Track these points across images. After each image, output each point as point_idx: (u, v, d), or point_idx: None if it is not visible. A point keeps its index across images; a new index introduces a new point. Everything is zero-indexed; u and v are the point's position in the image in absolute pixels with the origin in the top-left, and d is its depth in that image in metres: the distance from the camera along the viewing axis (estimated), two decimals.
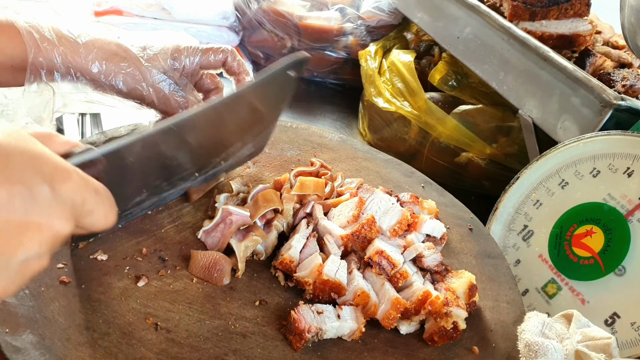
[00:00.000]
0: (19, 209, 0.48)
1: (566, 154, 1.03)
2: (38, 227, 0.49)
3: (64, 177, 0.51)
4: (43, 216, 0.49)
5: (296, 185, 0.87)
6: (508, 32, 1.27)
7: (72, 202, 0.52)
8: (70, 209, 0.52)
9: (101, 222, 0.57)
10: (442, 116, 1.46)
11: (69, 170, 0.52)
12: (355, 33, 1.87)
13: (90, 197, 0.54)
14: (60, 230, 0.51)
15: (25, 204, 0.48)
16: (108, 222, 0.58)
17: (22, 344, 0.62)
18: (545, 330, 0.77)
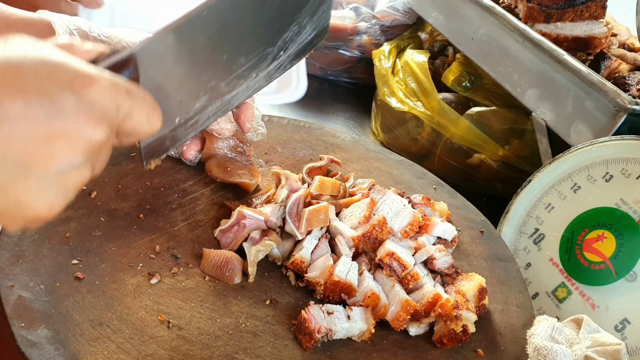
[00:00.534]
0: (40, 118, 0.46)
1: (579, 158, 1.03)
2: (66, 135, 0.47)
3: (86, 81, 0.49)
4: (69, 123, 0.47)
5: (315, 185, 0.88)
6: (523, 34, 1.27)
7: (101, 106, 0.49)
8: (100, 114, 0.49)
9: (144, 126, 0.54)
10: (455, 117, 1.46)
11: (92, 74, 0.49)
12: (370, 32, 1.87)
13: (123, 100, 0.51)
14: (92, 137, 0.49)
15: (46, 112, 0.46)
16: (153, 124, 0.55)
17: (37, 339, 0.64)
18: (554, 334, 0.77)
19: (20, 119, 0.45)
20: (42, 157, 0.46)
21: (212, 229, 0.85)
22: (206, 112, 0.73)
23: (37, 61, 0.47)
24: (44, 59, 0.47)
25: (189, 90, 0.68)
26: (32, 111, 0.45)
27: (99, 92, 0.49)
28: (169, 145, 0.70)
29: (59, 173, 0.48)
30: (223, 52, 0.69)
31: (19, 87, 0.45)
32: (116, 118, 0.51)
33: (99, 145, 0.50)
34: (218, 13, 0.64)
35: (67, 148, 0.47)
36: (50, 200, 0.48)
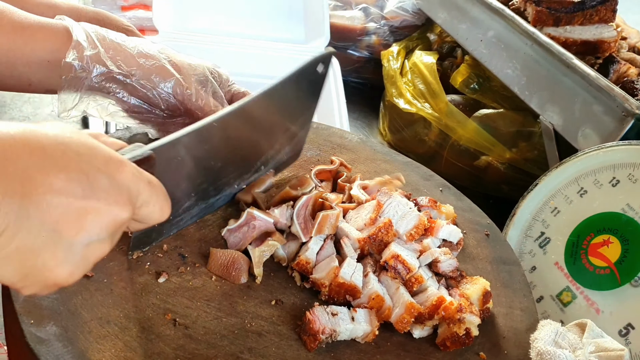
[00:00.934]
0: (77, 193, 0.50)
1: (586, 162, 1.03)
2: (97, 211, 0.52)
3: (118, 166, 0.54)
4: (102, 201, 0.52)
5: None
6: (531, 37, 1.27)
7: (128, 190, 0.54)
8: (126, 196, 0.54)
9: (157, 214, 0.59)
10: (463, 119, 1.46)
11: (122, 160, 0.55)
12: (379, 33, 1.88)
13: (144, 188, 0.56)
14: (119, 215, 0.54)
15: (83, 189, 0.51)
16: (163, 214, 0.60)
17: (46, 335, 0.65)
18: (558, 339, 0.77)
19: (62, 192, 0.50)
20: (74, 228, 0.51)
21: (219, 229, 0.86)
22: (192, 211, 0.81)
23: (79, 143, 0.52)
24: (85, 143, 0.53)
25: (185, 190, 0.78)
26: (72, 186, 0.50)
27: (127, 177, 0.54)
28: (153, 238, 0.78)
29: (84, 245, 0.52)
30: (218, 161, 0.81)
31: (64, 164, 0.50)
32: (136, 202, 0.56)
33: (122, 224, 0.55)
34: (224, 128, 0.77)
35: (96, 223, 0.52)
36: (72, 268, 0.53)
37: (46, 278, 0.52)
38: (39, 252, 0.50)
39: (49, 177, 0.49)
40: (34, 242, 0.49)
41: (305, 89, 0.89)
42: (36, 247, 0.50)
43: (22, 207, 0.48)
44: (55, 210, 0.49)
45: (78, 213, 0.51)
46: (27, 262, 0.50)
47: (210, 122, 0.74)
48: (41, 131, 0.51)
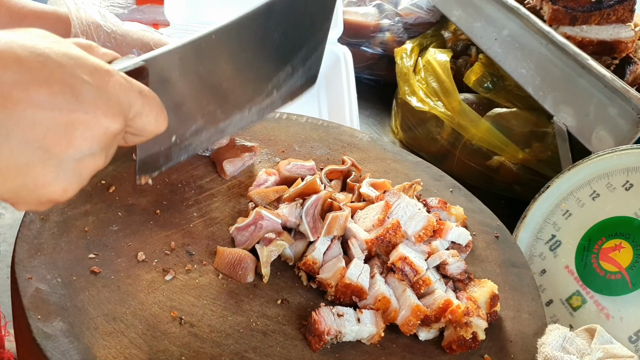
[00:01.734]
0: (62, 107, 0.48)
1: (599, 165, 1.02)
2: (85, 124, 0.50)
3: (104, 76, 0.52)
4: (89, 113, 0.50)
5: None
6: (547, 36, 1.26)
7: (118, 100, 0.52)
8: (116, 107, 0.52)
9: (152, 125, 0.57)
10: (476, 118, 1.45)
11: (110, 70, 0.53)
12: (392, 30, 1.87)
13: (136, 98, 0.54)
14: (109, 127, 0.52)
15: (68, 102, 0.49)
16: (159, 125, 0.58)
17: (53, 331, 0.65)
18: (566, 344, 0.77)
19: (44, 107, 0.47)
20: (62, 143, 0.49)
21: (227, 227, 0.86)
22: (200, 136, 0.77)
23: (61, 54, 0.49)
24: (67, 53, 0.50)
25: (188, 110, 0.72)
26: (56, 100, 0.48)
27: (116, 87, 0.52)
28: (162, 163, 0.74)
29: (75, 159, 0.50)
30: (223, 80, 0.75)
31: (45, 77, 0.48)
32: (128, 113, 0.54)
33: (113, 136, 0.53)
34: (223, 41, 0.72)
35: (85, 136, 0.50)
36: (65, 184, 0.51)
37: (39, 195, 0.50)
38: (27, 169, 0.48)
39: (28, 91, 0.47)
40: (18, 159, 0.48)
41: (315, 6, 0.84)
42: (23, 165, 0.48)
43: (4, 125, 0.46)
44: (39, 126, 0.48)
45: (65, 127, 0.49)
46: (16, 180, 0.49)
47: (208, 33, 0.69)
48: (18, 41, 0.48)
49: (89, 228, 0.79)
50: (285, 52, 0.84)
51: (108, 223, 0.81)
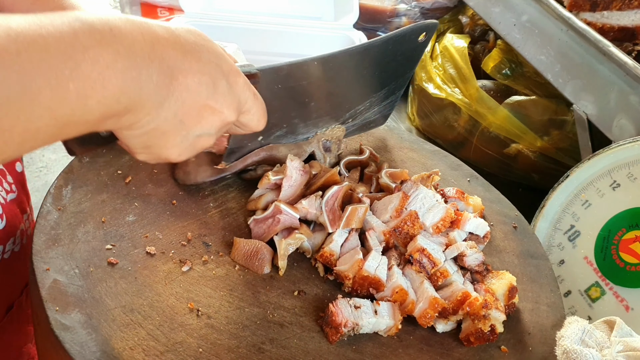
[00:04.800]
0: (203, 94, 0.60)
1: (620, 155, 1.00)
2: (214, 111, 0.62)
3: (236, 75, 0.64)
4: (219, 104, 0.62)
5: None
6: (567, 22, 1.23)
7: (239, 97, 0.65)
8: (236, 102, 0.64)
9: (254, 122, 0.70)
10: (494, 105, 1.43)
11: (239, 71, 0.65)
12: (409, 15, 1.85)
13: (250, 98, 0.67)
14: (228, 117, 0.64)
15: (208, 91, 0.60)
16: (260, 124, 0.71)
17: (71, 323, 0.65)
18: (585, 337, 0.76)
19: (193, 91, 0.59)
20: (194, 121, 0.61)
21: (243, 217, 0.86)
22: (279, 141, 0.90)
23: (210, 51, 0.61)
24: (215, 51, 0.62)
25: (278, 118, 0.86)
26: (202, 88, 0.60)
27: (241, 87, 0.65)
28: (244, 153, 0.88)
29: (197, 135, 0.63)
30: (312, 100, 0.88)
31: (199, 68, 0.59)
32: (241, 109, 0.66)
33: (228, 124, 0.66)
34: (321, 68, 0.85)
35: (211, 120, 0.62)
36: (182, 151, 0.64)
37: (161, 153, 0.63)
38: (166, 135, 0.60)
39: (187, 78, 0.58)
40: (165, 127, 0.59)
41: (403, 54, 0.93)
42: (165, 131, 0.60)
43: (166, 99, 0.57)
44: (185, 105, 0.59)
45: (200, 110, 0.61)
46: (154, 140, 0.60)
47: (312, 60, 0.82)
48: (183, 36, 0.59)
49: (105, 219, 0.79)
50: (369, 89, 0.95)
51: (125, 213, 0.81)
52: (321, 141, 0.94)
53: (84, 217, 0.78)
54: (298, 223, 0.81)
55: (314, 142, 0.94)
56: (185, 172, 0.87)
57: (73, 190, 0.82)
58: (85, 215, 0.79)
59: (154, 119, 0.58)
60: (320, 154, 0.94)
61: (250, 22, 1.70)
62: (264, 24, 1.70)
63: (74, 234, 0.76)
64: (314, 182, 0.86)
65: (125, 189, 0.84)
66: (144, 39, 0.55)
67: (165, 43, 0.57)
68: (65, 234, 0.75)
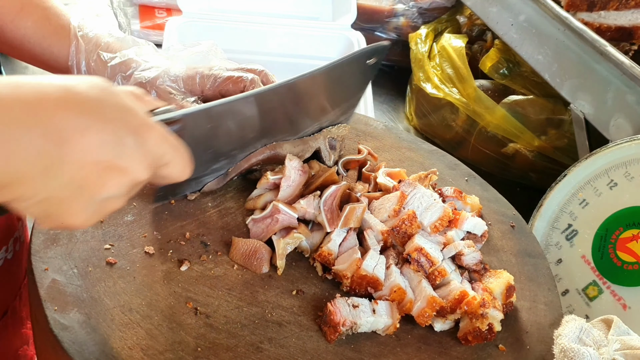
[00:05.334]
0: (108, 153, 0.54)
1: (617, 154, 1.01)
2: (121, 171, 0.55)
3: (148, 130, 0.58)
4: (127, 162, 0.56)
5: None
6: (564, 22, 1.24)
7: (153, 153, 0.58)
8: (150, 159, 0.58)
9: (177, 174, 0.63)
10: (491, 105, 1.44)
11: (152, 125, 0.59)
12: (407, 14, 1.85)
13: (168, 151, 0.60)
14: (139, 176, 0.57)
15: (113, 150, 0.54)
16: (183, 174, 0.64)
17: (70, 322, 0.65)
18: (582, 336, 0.76)
19: (94, 154, 0.53)
20: (98, 184, 0.55)
21: (241, 217, 0.86)
22: (218, 172, 0.86)
23: (117, 106, 0.56)
24: (122, 105, 0.56)
25: (213, 155, 0.82)
26: (104, 149, 0.53)
27: (154, 141, 0.58)
28: (178, 192, 0.84)
29: (103, 199, 0.56)
30: (251, 132, 0.84)
31: (101, 126, 0.53)
32: (158, 163, 0.60)
33: (140, 184, 0.59)
34: (261, 103, 0.80)
35: (118, 181, 0.56)
36: (87, 217, 0.57)
37: (64, 221, 0.56)
38: (64, 202, 0.54)
39: (84, 138, 0.52)
40: (61, 194, 0.53)
41: (352, 78, 0.90)
42: (62, 199, 0.54)
43: (55, 166, 0.51)
44: (84, 169, 0.53)
45: (104, 172, 0.54)
46: (51, 209, 0.54)
47: (248, 95, 0.78)
48: (83, 91, 0.54)
49: (103, 219, 0.79)
50: (317, 115, 0.91)
51: (123, 213, 0.81)
52: (327, 138, 0.94)
53: None
54: (296, 223, 0.82)
55: (320, 138, 0.93)
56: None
57: None
58: None
59: (41, 189, 0.52)
60: (325, 151, 0.94)
61: (248, 22, 1.70)
62: (262, 24, 1.71)
63: (72, 233, 0.76)
64: (313, 182, 0.87)
65: None
66: (25, 104, 0.50)
67: (55, 104, 0.51)
68: (64, 234, 0.75)
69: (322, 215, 0.82)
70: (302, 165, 0.87)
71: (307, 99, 0.87)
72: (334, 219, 0.82)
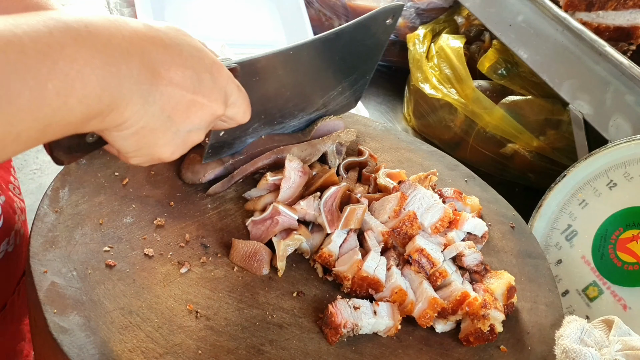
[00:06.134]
0: (189, 88, 0.59)
1: (616, 154, 1.00)
2: (202, 105, 0.61)
3: (219, 69, 0.63)
4: (206, 97, 0.61)
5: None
6: (562, 22, 1.24)
7: (224, 90, 0.64)
8: (223, 95, 0.64)
9: (240, 115, 0.69)
10: (490, 106, 1.44)
11: (222, 64, 0.64)
12: (405, 15, 1.85)
13: (235, 91, 0.66)
14: (216, 111, 0.63)
15: (194, 85, 0.59)
16: (245, 116, 0.70)
17: (69, 325, 0.65)
18: (584, 336, 0.76)
19: (179, 85, 0.58)
20: (183, 117, 0.60)
21: (241, 218, 0.85)
22: (257, 133, 0.90)
23: (192, 45, 0.60)
24: (196, 46, 0.61)
25: (258, 110, 0.83)
26: (186, 82, 0.59)
27: (225, 79, 0.64)
28: (225, 150, 0.87)
29: (187, 131, 0.62)
30: (288, 90, 0.88)
31: (182, 62, 0.58)
32: (227, 102, 0.65)
33: (217, 118, 0.65)
34: (297, 57, 0.84)
35: (200, 115, 0.61)
36: (174, 149, 0.63)
37: (154, 153, 0.61)
38: (155, 132, 0.59)
39: (170, 71, 0.57)
40: (154, 124, 0.58)
41: (371, 37, 0.93)
42: (155, 128, 0.58)
43: (150, 94, 0.56)
44: (172, 100, 0.58)
45: (188, 105, 0.60)
46: (145, 139, 0.59)
47: (286, 49, 0.82)
48: (163, 31, 0.58)
49: (103, 220, 0.79)
50: (341, 75, 0.96)
51: (122, 215, 0.80)
52: (336, 142, 0.94)
53: (82, 219, 0.78)
54: (297, 224, 0.81)
55: (328, 142, 0.93)
56: (194, 171, 0.87)
57: (70, 193, 0.81)
58: (83, 217, 0.78)
59: (141, 116, 0.56)
60: (332, 156, 0.94)
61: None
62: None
63: (71, 236, 0.75)
64: (313, 183, 0.86)
65: (122, 190, 0.84)
66: (122, 34, 0.54)
67: (144, 37, 0.56)
68: (63, 236, 0.75)
69: (323, 216, 0.81)
70: (302, 167, 0.87)
71: (334, 54, 0.90)
72: (334, 220, 0.81)
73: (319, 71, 0.91)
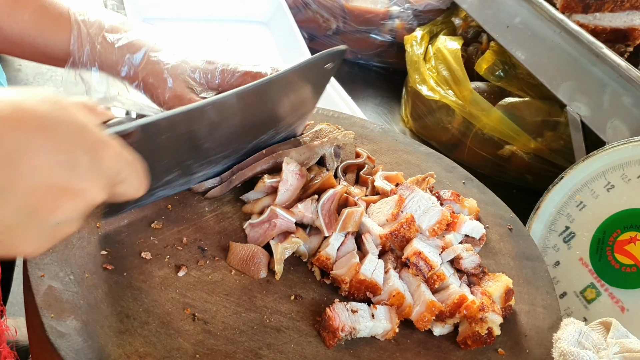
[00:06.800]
0: (61, 175, 0.50)
1: (614, 156, 1.01)
2: (76, 193, 0.51)
3: (103, 148, 0.54)
4: (82, 183, 0.52)
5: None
6: (560, 24, 1.24)
7: (109, 172, 0.54)
8: (105, 178, 0.54)
9: (132, 191, 0.59)
10: (487, 107, 1.44)
11: (107, 141, 0.55)
12: (402, 17, 1.85)
13: (124, 168, 0.56)
14: (95, 198, 0.53)
15: (67, 171, 0.50)
16: (138, 192, 0.60)
17: (66, 329, 0.65)
18: (581, 339, 0.76)
19: (46, 177, 0.49)
20: (50, 209, 0.50)
21: (239, 221, 0.85)
22: (171, 185, 0.82)
23: (69, 123, 0.51)
24: (75, 122, 0.52)
25: (167, 165, 0.78)
26: (57, 170, 0.50)
27: (110, 158, 0.54)
28: (128, 208, 0.80)
29: (56, 224, 0.52)
30: (206, 141, 0.80)
31: (53, 146, 0.49)
32: (113, 182, 0.56)
33: (95, 205, 0.54)
34: (218, 111, 0.77)
35: (71, 205, 0.51)
36: (39, 244, 0.53)
37: (13, 249, 0.52)
38: (13, 230, 0.50)
39: (36, 160, 0.48)
40: (10, 221, 0.49)
41: (310, 83, 0.88)
42: (11, 226, 0.50)
43: (7, 190, 0.48)
44: (35, 193, 0.49)
45: (57, 195, 0.50)
46: (0, 237, 0.50)
47: (204, 104, 0.74)
48: (32, 108, 0.50)
49: (100, 224, 0.78)
50: (272, 121, 0.88)
51: (119, 219, 0.80)
52: (334, 145, 0.93)
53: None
54: (294, 227, 0.81)
55: (327, 145, 0.92)
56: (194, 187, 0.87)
57: None
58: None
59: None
60: (330, 159, 0.93)
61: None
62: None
63: (68, 240, 0.75)
64: (310, 186, 0.86)
65: None
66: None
67: (2, 123, 0.48)
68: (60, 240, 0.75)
69: (320, 219, 0.81)
70: (299, 169, 0.87)
71: (264, 104, 0.85)
72: (331, 223, 0.81)
73: (246, 121, 0.84)
